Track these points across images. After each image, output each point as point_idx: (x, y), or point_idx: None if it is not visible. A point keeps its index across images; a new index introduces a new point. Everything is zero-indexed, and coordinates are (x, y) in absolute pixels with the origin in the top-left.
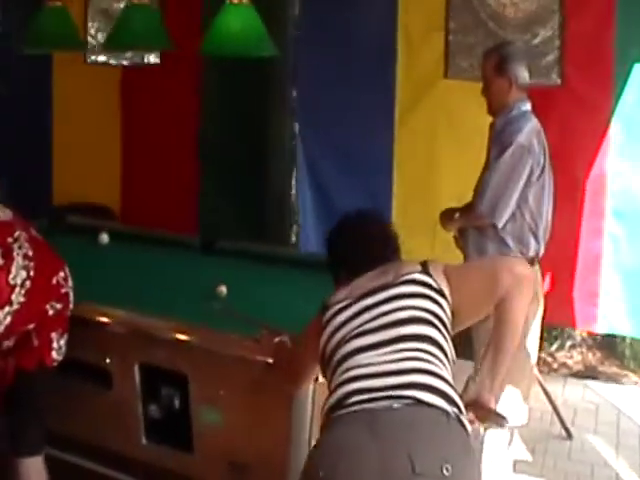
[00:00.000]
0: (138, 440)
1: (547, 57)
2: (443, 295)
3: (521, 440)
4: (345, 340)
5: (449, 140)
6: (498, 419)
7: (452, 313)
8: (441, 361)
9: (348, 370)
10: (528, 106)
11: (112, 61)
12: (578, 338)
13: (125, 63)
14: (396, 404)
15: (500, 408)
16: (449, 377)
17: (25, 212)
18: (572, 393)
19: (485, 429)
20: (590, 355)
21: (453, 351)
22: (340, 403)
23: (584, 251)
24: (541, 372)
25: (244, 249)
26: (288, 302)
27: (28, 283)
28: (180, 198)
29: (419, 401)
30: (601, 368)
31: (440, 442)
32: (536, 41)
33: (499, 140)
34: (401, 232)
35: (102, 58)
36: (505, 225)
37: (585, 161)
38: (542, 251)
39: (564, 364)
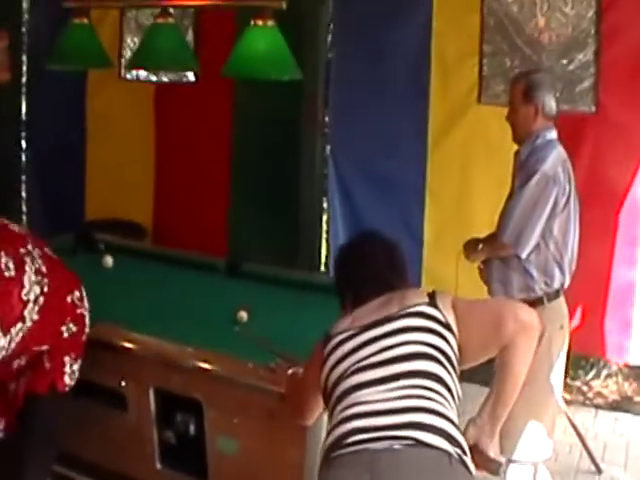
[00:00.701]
0: (153, 465)
1: (582, 83)
2: (450, 329)
3: (549, 474)
4: (346, 375)
5: (483, 166)
6: (494, 466)
7: (459, 348)
8: (445, 399)
9: (348, 408)
10: (554, 134)
11: (152, 77)
12: (614, 367)
13: (164, 79)
14: (397, 445)
15: (506, 449)
16: (453, 415)
17: (58, 228)
18: (603, 426)
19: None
20: (626, 385)
21: (459, 388)
22: (339, 442)
23: (617, 281)
24: (575, 401)
25: (270, 274)
26: (309, 330)
27: (42, 300)
28: (211, 218)
29: (420, 442)
30: (637, 398)
31: None
32: (572, 67)
33: (524, 169)
34: (433, 259)
35: (140, 74)
36: (529, 256)
37: (619, 189)
38: (567, 282)
39: (599, 393)
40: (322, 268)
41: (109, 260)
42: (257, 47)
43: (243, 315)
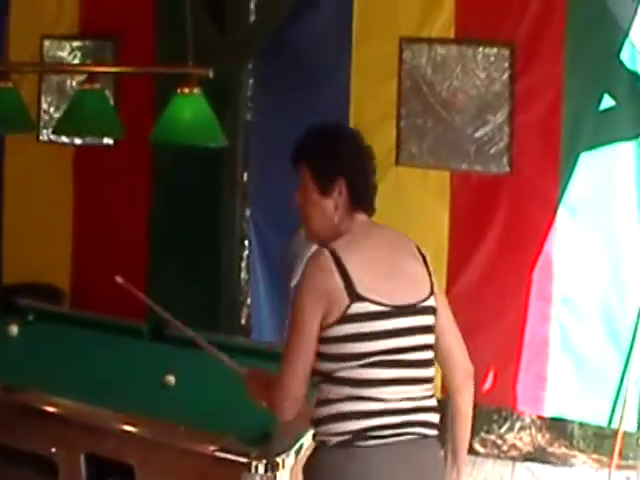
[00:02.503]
0: None
1: (497, 145)
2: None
3: None
4: (373, 363)
5: (401, 224)
6: None
7: None
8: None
9: (369, 400)
10: None
11: (65, 140)
12: (527, 420)
13: (79, 142)
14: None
15: None
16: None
17: None
18: (521, 478)
19: None
20: (539, 437)
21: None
22: (364, 434)
23: (532, 336)
24: (490, 454)
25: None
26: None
27: None
28: (130, 281)
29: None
30: (550, 449)
31: None
32: (486, 128)
33: None
34: None
35: (55, 137)
36: None
37: (533, 248)
38: None
39: (513, 445)
40: (243, 332)
41: (14, 329)
42: (183, 115)
43: (170, 379)
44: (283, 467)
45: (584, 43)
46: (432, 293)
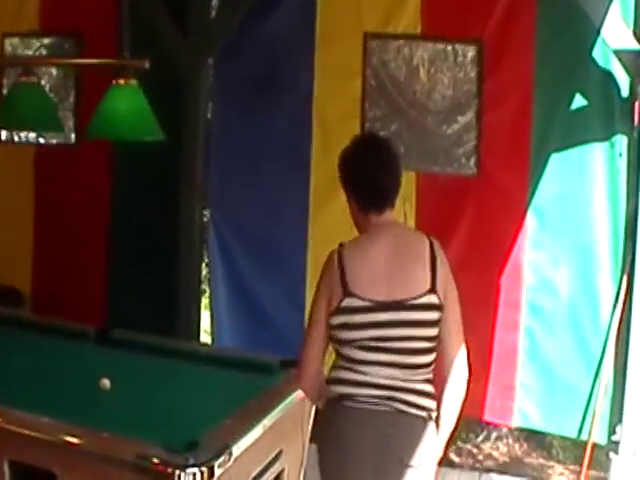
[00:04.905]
0: None
1: (465, 145)
2: (442, 310)
3: None
4: (362, 346)
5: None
6: None
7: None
8: (428, 379)
9: (358, 373)
10: None
11: (26, 139)
12: (504, 429)
13: (40, 142)
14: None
15: None
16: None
17: None
18: None
19: None
20: (517, 447)
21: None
22: (349, 397)
23: (500, 345)
24: (465, 464)
25: (143, 341)
26: (178, 403)
27: None
28: (90, 284)
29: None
30: (527, 460)
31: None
32: (455, 128)
33: None
34: None
35: (14, 137)
36: None
37: (501, 253)
38: None
39: (489, 455)
40: (203, 335)
41: None
42: (118, 108)
43: (106, 383)
44: (211, 476)
45: (555, 40)
46: (431, 291)
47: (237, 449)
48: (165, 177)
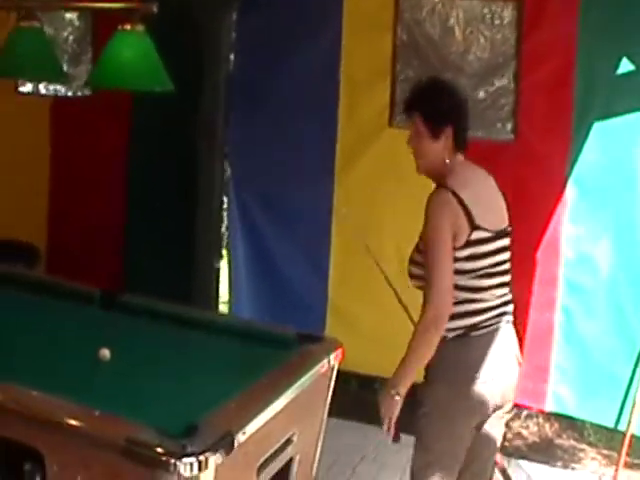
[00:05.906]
0: None
1: (501, 109)
2: None
3: None
4: (483, 274)
5: (393, 195)
6: None
7: None
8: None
9: (477, 302)
10: None
11: (44, 91)
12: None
13: (60, 93)
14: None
15: None
16: None
17: None
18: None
19: None
20: (547, 426)
21: None
22: (474, 327)
23: (534, 323)
24: None
25: (152, 307)
26: (182, 379)
27: None
28: (107, 242)
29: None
30: (558, 441)
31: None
32: (490, 91)
33: None
34: (338, 293)
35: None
36: None
37: (538, 226)
38: None
39: (519, 434)
40: (220, 303)
41: None
42: (123, 55)
43: (105, 354)
44: (206, 467)
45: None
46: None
47: (242, 435)
48: (184, 134)
